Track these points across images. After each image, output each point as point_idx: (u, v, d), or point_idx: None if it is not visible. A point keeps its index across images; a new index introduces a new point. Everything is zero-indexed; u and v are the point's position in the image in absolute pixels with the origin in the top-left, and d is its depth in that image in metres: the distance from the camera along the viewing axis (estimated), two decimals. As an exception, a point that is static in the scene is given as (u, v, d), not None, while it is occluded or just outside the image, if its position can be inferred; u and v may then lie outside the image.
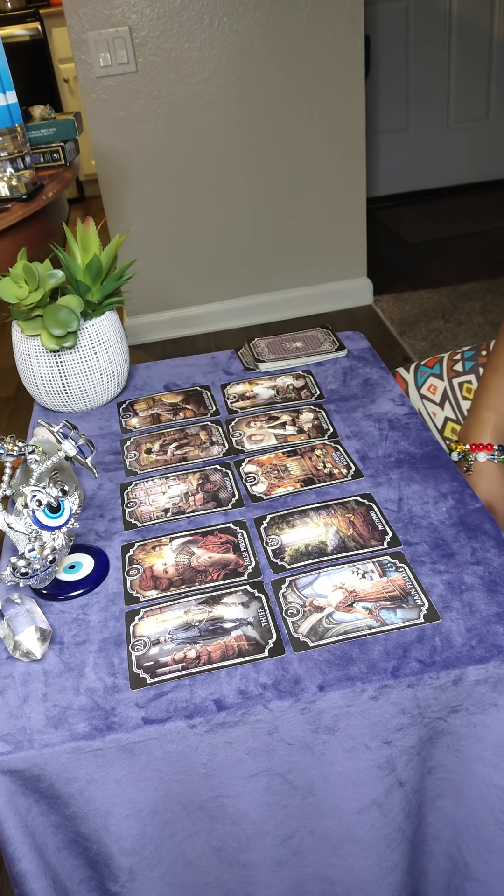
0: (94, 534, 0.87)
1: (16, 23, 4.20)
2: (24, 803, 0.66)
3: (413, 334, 2.76)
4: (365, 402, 1.05)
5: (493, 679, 0.67)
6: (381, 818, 0.70)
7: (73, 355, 1.03)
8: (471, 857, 0.75)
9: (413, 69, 3.70)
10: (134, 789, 0.66)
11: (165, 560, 0.81)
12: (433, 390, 1.19)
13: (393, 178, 3.97)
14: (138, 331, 2.94)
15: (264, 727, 0.66)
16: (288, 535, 0.82)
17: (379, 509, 0.85)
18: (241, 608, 0.74)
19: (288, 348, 1.19)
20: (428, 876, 0.79)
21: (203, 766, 0.66)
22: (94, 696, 0.68)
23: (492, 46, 3.68)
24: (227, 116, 2.60)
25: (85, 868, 0.72)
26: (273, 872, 0.72)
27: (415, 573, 0.76)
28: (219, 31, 2.47)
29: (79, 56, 2.46)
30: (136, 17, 2.42)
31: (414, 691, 0.66)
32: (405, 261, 3.37)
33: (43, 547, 0.73)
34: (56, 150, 1.71)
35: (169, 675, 0.68)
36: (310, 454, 0.95)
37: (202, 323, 2.97)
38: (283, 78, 2.56)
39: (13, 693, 0.69)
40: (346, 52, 2.55)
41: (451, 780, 0.72)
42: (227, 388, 1.12)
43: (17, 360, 1.07)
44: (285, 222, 2.82)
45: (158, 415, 1.08)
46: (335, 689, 0.66)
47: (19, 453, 0.75)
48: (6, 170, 1.51)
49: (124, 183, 2.67)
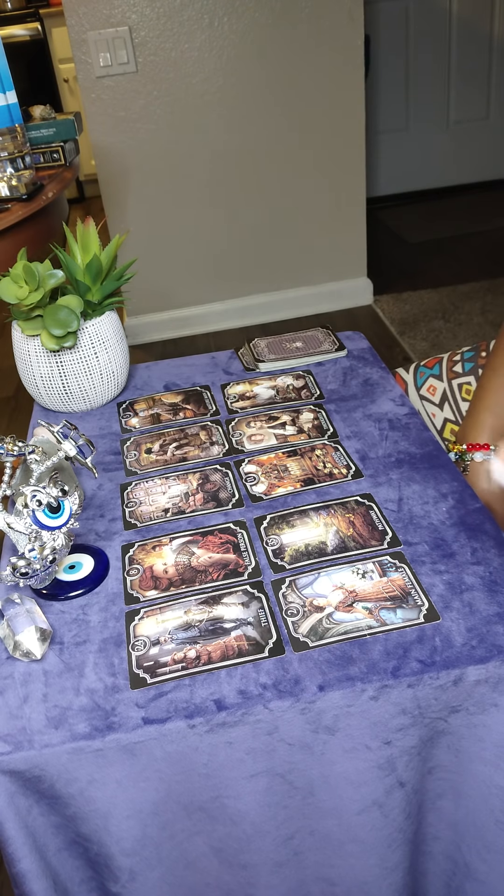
0: (94, 534, 0.87)
1: (16, 23, 4.20)
2: (24, 804, 0.66)
3: (413, 334, 2.76)
4: (365, 402, 1.05)
5: (494, 679, 0.67)
6: (382, 819, 0.70)
7: (73, 355, 1.03)
8: (471, 858, 0.75)
9: (413, 69, 3.70)
10: (134, 790, 0.66)
11: (165, 560, 0.81)
12: (433, 391, 1.19)
13: (393, 178, 3.97)
14: (138, 331, 2.94)
15: (264, 727, 0.66)
16: (288, 535, 0.82)
17: (379, 509, 0.85)
18: (241, 608, 0.74)
19: (288, 348, 1.18)
20: (428, 876, 0.79)
21: (203, 767, 0.66)
22: (95, 696, 0.68)
23: (492, 46, 3.68)
24: (227, 116, 2.60)
25: (85, 868, 0.72)
26: (273, 873, 0.72)
27: (415, 573, 0.76)
28: (219, 31, 2.47)
29: (79, 56, 2.46)
30: (136, 17, 2.42)
31: (414, 691, 0.66)
32: (405, 261, 3.37)
33: (43, 547, 0.73)
34: (56, 150, 1.71)
35: (169, 676, 0.68)
36: (310, 454, 0.95)
37: (202, 323, 2.97)
38: (282, 78, 2.56)
39: (13, 693, 0.69)
40: (346, 52, 2.55)
41: (452, 780, 0.72)
42: (227, 388, 1.12)
43: (17, 360, 1.07)
44: (285, 222, 2.82)
45: (158, 415, 1.07)
46: (335, 689, 0.65)
47: (19, 453, 0.75)
48: (6, 170, 1.51)
49: (124, 183, 2.66)
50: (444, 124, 3.86)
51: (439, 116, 3.84)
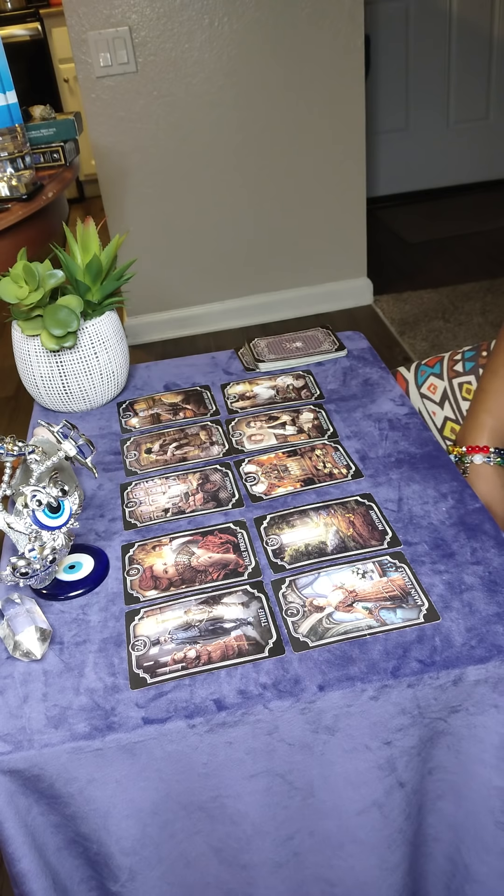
0: (94, 534, 0.87)
1: (16, 23, 4.20)
2: (24, 803, 0.66)
3: (413, 334, 2.76)
4: (365, 402, 1.05)
5: (493, 679, 0.67)
6: (382, 819, 0.70)
7: (73, 355, 1.03)
8: (471, 859, 0.74)
9: (413, 69, 3.70)
10: (134, 789, 0.66)
11: (165, 560, 0.81)
12: (433, 389, 1.19)
13: (393, 178, 3.97)
14: (138, 331, 2.93)
15: (264, 727, 0.66)
16: (288, 535, 0.82)
17: (379, 509, 0.85)
18: (241, 608, 0.74)
19: (288, 348, 1.18)
20: (428, 877, 0.79)
21: (203, 766, 0.66)
22: (94, 696, 0.68)
23: (492, 46, 3.68)
24: (227, 116, 2.60)
25: (85, 868, 0.72)
26: (273, 873, 0.72)
27: (415, 573, 0.76)
28: (219, 31, 2.47)
29: (79, 56, 2.46)
30: (136, 17, 2.42)
31: (414, 691, 0.66)
32: (405, 261, 3.36)
33: (43, 547, 0.73)
34: (56, 150, 1.71)
35: (169, 675, 0.68)
36: (310, 454, 0.95)
37: (202, 323, 2.97)
38: (283, 78, 2.56)
39: (13, 693, 0.69)
40: (346, 52, 2.55)
41: (452, 781, 0.72)
42: (227, 388, 1.12)
43: (17, 360, 1.07)
44: (285, 222, 2.82)
45: (158, 415, 1.08)
46: (335, 689, 0.65)
47: (19, 453, 0.75)
48: (6, 170, 1.51)
49: (124, 183, 2.66)
50: (444, 124, 3.86)
51: (439, 116, 3.84)
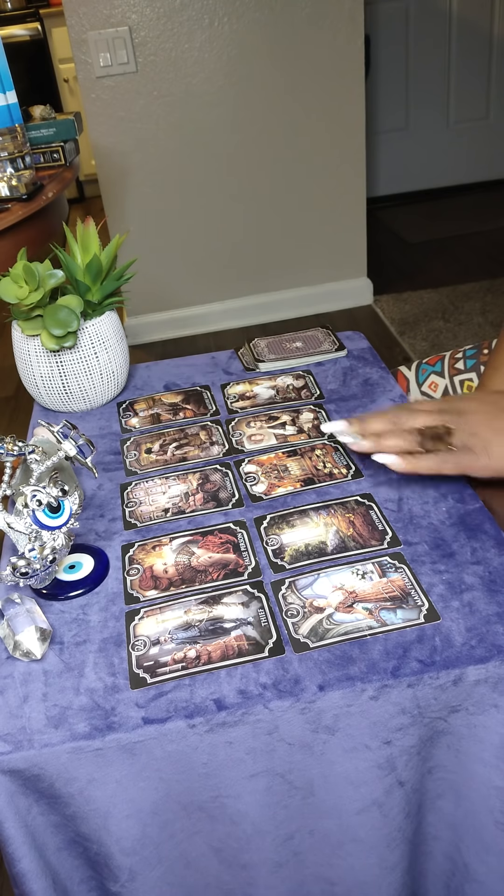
0: (94, 534, 0.87)
1: (16, 23, 4.20)
2: (24, 803, 0.66)
3: (413, 334, 2.76)
4: (365, 402, 1.05)
5: (493, 679, 0.67)
6: (382, 818, 0.70)
7: (73, 355, 1.03)
8: (470, 859, 0.75)
9: (413, 69, 3.70)
10: (134, 789, 0.66)
11: (165, 560, 0.81)
12: (434, 387, 1.19)
13: (393, 178, 3.97)
14: (138, 331, 2.94)
15: (264, 727, 0.66)
16: (288, 535, 0.82)
17: (379, 509, 0.85)
18: (241, 608, 0.74)
19: (288, 348, 1.19)
20: (427, 876, 0.79)
21: (203, 766, 0.66)
22: (94, 695, 0.68)
23: (492, 46, 3.68)
24: (227, 116, 2.60)
25: (85, 868, 0.72)
26: (273, 873, 0.72)
27: (415, 573, 0.76)
28: (219, 31, 2.47)
29: (79, 56, 2.46)
30: (136, 17, 2.42)
31: (414, 691, 0.66)
32: (405, 261, 3.37)
33: (43, 547, 0.73)
34: (56, 150, 1.71)
35: (169, 675, 0.68)
36: (310, 454, 0.95)
37: (202, 323, 2.97)
38: (283, 78, 2.56)
39: (13, 693, 0.69)
40: (346, 52, 2.55)
41: (451, 780, 0.72)
42: (227, 388, 1.12)
43: (17, 360, 1.07)
44: (285, 222, 2.82)
45: (158, 415, 1.08)
46: (335, 688, 0.65)
47: (19, 453, 0.75)
48: (6, 170, 1.51)
49: (124, 183, 2.67)
50: (444, 124, 3.86)
51: (439, 116, 3.84)
